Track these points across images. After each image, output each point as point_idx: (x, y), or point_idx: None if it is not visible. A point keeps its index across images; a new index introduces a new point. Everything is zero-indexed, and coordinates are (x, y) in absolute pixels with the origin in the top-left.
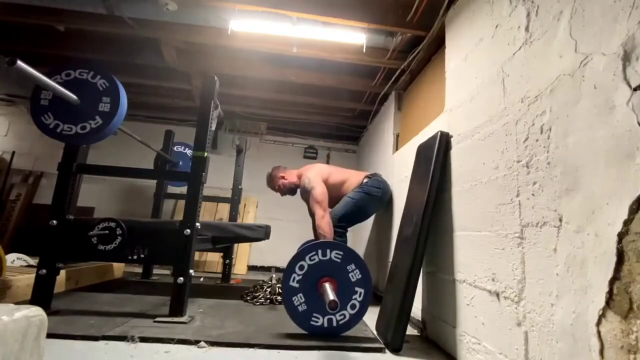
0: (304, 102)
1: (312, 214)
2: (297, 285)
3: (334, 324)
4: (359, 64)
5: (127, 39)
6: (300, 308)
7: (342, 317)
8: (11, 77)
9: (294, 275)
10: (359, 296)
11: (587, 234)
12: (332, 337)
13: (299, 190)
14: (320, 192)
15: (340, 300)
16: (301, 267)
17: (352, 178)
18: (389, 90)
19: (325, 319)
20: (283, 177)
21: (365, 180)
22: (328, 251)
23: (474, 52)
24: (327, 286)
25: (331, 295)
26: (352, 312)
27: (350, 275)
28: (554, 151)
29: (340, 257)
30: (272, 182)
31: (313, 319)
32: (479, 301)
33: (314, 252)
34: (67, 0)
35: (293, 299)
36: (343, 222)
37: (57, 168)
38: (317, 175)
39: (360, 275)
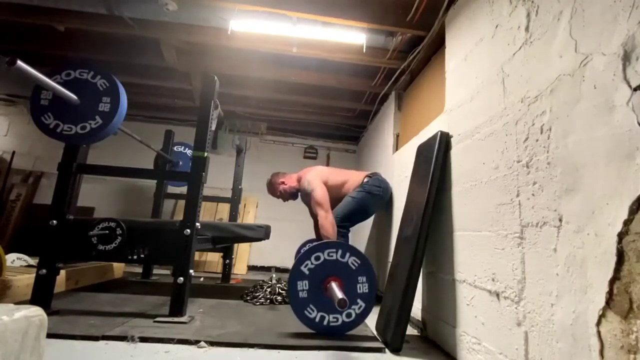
0: (304, 102)
1: (314, 216)
2: (307, 272)
3: (325, 322)
4: (359, 64)
5: (127, 39)
6: (301, 294)
7: (335, 320)
8: (11, 77)
9: (307, 262)
10: (359, 308)
11: (587, 234)
12: (330, 336)
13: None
14: (320, 193)
15: None
16: (317, 258)
17: (352, 178)
18: (389, 90)
19: (319, 314)
20: (283, 183)
21: (365, 180)
22: (347, 254)
23: (474, 52)
24: (336, 285)
25: (340, 294)
26: (347, 320)
27: (358, 285)
28: (554, 151)
29: (356, 265)
30: (273, 188)
31: (308, 309)
32: (479, 301)
33: (334, 250)
34: (67, 0)
35: (298, 283)
36: (345, 222)
37: (57, 168)
38: (316, 177)
39: (367, 290)
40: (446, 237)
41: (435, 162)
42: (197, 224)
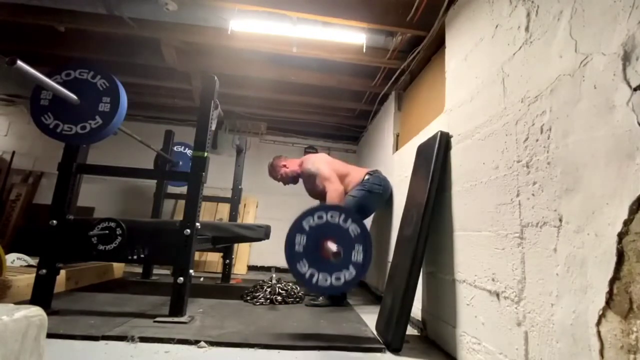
0: (304, 102)
1: (317, 196)
2: (307, 228)
3: (314, 280)
4: (359, 64)
5: (127, 39)
6: (297, 247)
7: (324, 280)
8: (11, 77)
9: (309, 218)
10: (349, 275)
11: (587, 234)
12: (331, 338)
13: (300, 180)
14: (327, 170)
15: (334, 270)
16: (319, 217)
17: (353, 173)
18: (389, 90)
19: (309, 270)
20: (285, 166)
21: (366, 177)
22: (349, 221)
23: (474, 52)
24: (331, 242)
25: (335, 247)
26: (335, 283)
27: (353, 252)
28: (554, 151)
29: (356, 233)
30: (274, 171)
31: (301, 263)
32: (479, 301)
33: (337, 213)
34: (67, 0)
35: (297, 235)
36: None
37: (57, 168)
38: (321, 159)
39: (361, 259)
40: (446, 237)
41: (435, 162)
42: (197, 224)
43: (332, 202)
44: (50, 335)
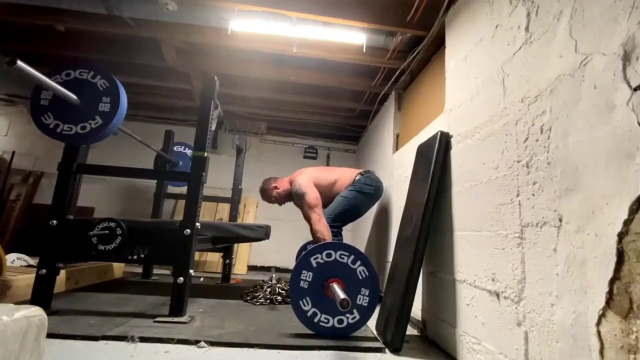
0: (304, 102)
1: (307, 219)
2: (314, 264)
3: (315, 319)
4: (359, 64)
5: (127, 39)
6: (302, 283)
7: (326, 321)
8: (11, 77)
9: (318, 255)
10: (352, 319)
11: (587, 234)
12: (327, 337)
13: None
14: (312, 196)
15: (337, 312)
16: (328, 255)
17: (343, 176)
18: (389, 90)
19: (312, 309)
20: (276, 187)
21: (357, 177)
22: (358, 262)
23: (474, 52)
24: (339, 287)
25: (342, 294)
26: (337, 325)
27: (359, 296)
28: (554, 151)
29: (363, 275)
30: (267, 194)
31: (304, 301)
32: (479, 301)
33: (347, 253)
34: (67, 0)
35: (303, 272)
36: (338, 222)
37: (57, 168)
38: (307, 180)
39: (366, 304)
40: (446, 237)
41: (435, 162)
42: (197, 224)
43: (321, 235)
44: (50, 335)
